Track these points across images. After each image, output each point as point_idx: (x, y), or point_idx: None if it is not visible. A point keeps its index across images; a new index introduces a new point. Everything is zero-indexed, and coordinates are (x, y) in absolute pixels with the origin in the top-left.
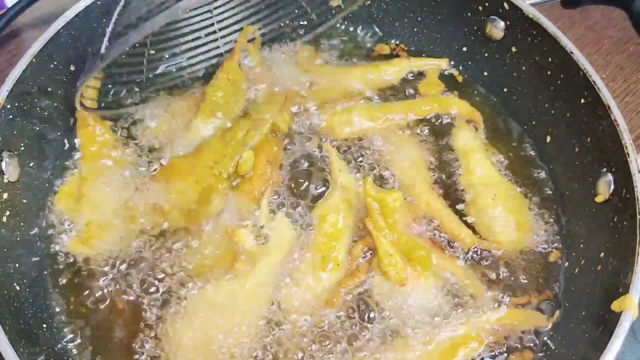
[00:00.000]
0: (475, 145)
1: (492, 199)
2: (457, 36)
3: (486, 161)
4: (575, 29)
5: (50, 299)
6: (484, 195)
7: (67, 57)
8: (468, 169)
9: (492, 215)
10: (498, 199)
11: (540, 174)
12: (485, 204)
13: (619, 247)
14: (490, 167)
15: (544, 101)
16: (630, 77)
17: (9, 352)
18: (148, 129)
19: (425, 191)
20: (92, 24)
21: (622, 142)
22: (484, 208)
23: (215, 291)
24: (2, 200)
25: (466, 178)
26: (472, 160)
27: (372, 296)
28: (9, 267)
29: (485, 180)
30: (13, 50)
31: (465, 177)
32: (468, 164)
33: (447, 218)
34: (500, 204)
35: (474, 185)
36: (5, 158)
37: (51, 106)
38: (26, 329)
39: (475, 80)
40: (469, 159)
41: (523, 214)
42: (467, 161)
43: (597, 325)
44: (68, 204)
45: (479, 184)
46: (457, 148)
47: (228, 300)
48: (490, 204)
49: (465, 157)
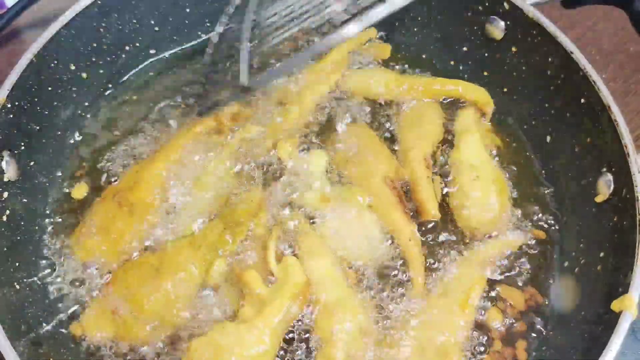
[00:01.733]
0: (473, 127)
1: (473, 180)
2: (457, 36)
3: (479, 144)
4: (575, 29)
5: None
6: (466, 174)
7: (67, 57)
8: (459, 147)
9: (468, 194)
10: (478, 180)
11: (540, 174)
12: (465, 182)
13: (619, 247)
14: (481, 149)
15: (544, 101)
16: (630, 77)
17: (9, 352)
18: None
19: (415, 158)
20: (92, 24)
21: (622, 142)
22: (462, 186)
23: (221, 335)
24: (2, 200)
25: (456, 156)
26: (466, 140)
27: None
28: (9, 267)
29: (473, 161)
30: (13, 50)
31: (455, 155)
32: (460, 142)
33: (423, 187)
34: (479, 186)
35: (461, 163)
36: (5, 157)
37: (51, 106)
38: (26, 328)
39: (475, 80)
40: (464, 138)
41: (500, 200)
42: (460, 140)
43: (597, 324)
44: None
45: (465, 163)
46: (457, 126)
47: (234, 344)
48: (470, 184)
49: (460, 136)
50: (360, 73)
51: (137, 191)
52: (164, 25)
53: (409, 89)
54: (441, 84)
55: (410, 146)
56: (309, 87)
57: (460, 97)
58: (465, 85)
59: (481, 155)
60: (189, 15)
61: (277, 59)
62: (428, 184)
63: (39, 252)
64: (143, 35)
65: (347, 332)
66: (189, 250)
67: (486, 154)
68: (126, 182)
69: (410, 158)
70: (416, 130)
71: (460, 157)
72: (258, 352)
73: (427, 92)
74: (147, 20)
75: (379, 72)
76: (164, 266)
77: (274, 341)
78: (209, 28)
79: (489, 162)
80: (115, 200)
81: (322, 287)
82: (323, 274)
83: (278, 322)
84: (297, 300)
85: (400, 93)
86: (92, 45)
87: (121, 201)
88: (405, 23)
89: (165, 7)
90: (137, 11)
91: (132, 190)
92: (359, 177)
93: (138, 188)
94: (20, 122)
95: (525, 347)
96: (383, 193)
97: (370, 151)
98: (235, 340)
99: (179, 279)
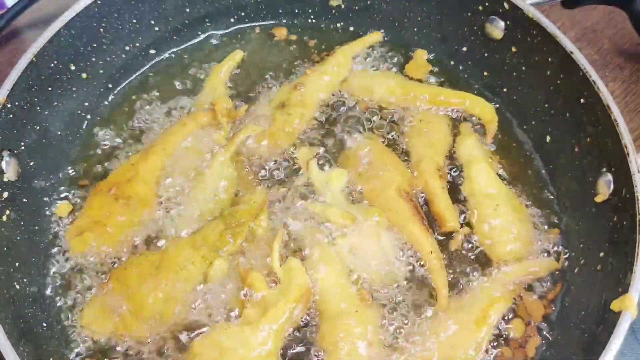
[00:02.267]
0: (479, 155)
1: (493, 209)
2: (457, 36)
3: (489, 171)
4: (575, 29)
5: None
6: (485, 206)
7: (67, 57)
8: (470, 178)
9: (492, 225)
10: (500, 209)
11: (540, 174)
12: (487, 214)
13: (618, 247)
14: (493, 177)
15: (544, 101)
16: (630, 77)
17: (9, 352)
18: None
19: (428, 170)
20: (92, 24)
21: (622, 142)
22: (485, 218)
23: (224, 336)
24: (2, 200)
25: (469, 187)
26: (475, 169)
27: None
28: (9, 267)
29: (489, 190)
30: (13, 50)
31: (468, 186)
32: (470, 173)
33: (439, 198)
34: (501, 215)
35: (476, 195)
36: (5, 157)
37: (51, 106)
38: (26, 328)
39: (475, 80)
40: (472, 168)
41: (524, 226)
42: (470, 170)
43: (597, 324)
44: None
45: (482, 194)
46: (461, 156)
47: (238, 346)
48: (491, 214)
49: (468, 166)
50: (365, 76)
51: (134, 185)
52: (164, 25)
53: (414, 97)
54: (447, 96)
55: (422, 157)
56: (311, 89)
57: (466, 111)
58: (473, 99)
59: (494, 183)
60: (189, 15)
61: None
62: (444, 195)
63: (38, 252)
64: (143, 35)
65: (351, 345)
66: (189, 249)
67: (499, 180)
68: (121, 175)
69: (422, 169)
70: (425, 140)
71: (474, 188)
72: (261, 353)
73: (432, 102)
74: (147, 20)
75: (384, 76)
76: (164, 265)
77: (277, 343)
78: (209, 28)
79: (504, 188)
80: (112, 195)
81: (328, 297)
82: (331, 284)
83: (281, 324)
84: (300, 302)
85: (404, 100)
86: (92, 45)
87: (118, 195)
88: (406, 23)
89: (165, 7)
90: (137, 11)
91: (129, 184)
92: (373, 191)
93: (135, 182)
94: (20, 122)
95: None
96: (399, 206)
97: (382, 163)
98: (240, 342)
99: (179, 278)
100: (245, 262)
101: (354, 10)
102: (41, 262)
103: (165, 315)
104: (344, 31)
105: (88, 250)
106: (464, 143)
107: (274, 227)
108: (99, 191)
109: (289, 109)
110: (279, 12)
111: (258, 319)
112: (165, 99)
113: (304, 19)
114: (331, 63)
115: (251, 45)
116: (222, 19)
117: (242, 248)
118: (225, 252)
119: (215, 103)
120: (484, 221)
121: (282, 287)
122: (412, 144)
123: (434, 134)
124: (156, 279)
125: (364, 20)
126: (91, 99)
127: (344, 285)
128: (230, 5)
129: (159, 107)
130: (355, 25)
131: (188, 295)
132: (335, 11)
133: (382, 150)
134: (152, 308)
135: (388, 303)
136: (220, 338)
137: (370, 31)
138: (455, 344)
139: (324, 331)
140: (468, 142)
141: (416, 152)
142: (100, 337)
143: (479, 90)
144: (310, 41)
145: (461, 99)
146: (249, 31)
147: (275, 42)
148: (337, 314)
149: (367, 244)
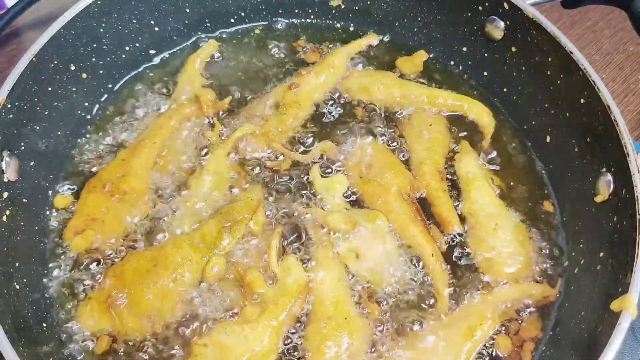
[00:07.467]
0: (477, 173)
1: (492, 229)
2: (457, 36)
3: (488, 189)
4: (575, 29)
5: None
6: (485, 225)
7: (67, 57)
8: (470, 197)
9: (490, 245)
10: (499, 229)
11: (540, 174)
12: (486, 233)
13: (618, 247)
14: (492, 195)
15: (544, 101)
16: (630, 77)
17: (9, 352)
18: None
19: (429, 172)
20: (92, 24)
21: (622, 142)
22: (484, 237)
23: (224, 334)
24: (2, 200)
25: (467, 206)
26: (476, 188)
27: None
28: (9, 267)
29: (488, 210)
30: (13, 50)
31: (467, 205)
32: (470, 192)
33: (441, 201)
34: (500, 235)
35: (476, 214)
36: (5, 157)
37: (51, 106)
38: (26, 328)
39: (475, 80)
40: (473, 186)
41: (523, 248)
42: (469, 189)
43: (597, 325)
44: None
45: (481, 213)
46: (460, 174)
47: (238, 344)
48: (491, 233)
49: (467, 185)
50: (363, 76)
51: (128, 180)
52: (164, 25)
53: (413, 99)
54: (445, 98)
55: (422, 159)
56: (306, 89)
57: (464, 114)
58: (471, 103)
59: (494, 202)
60: (189, 15)
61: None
62: (446, 197)
63: (38, 252)
64: (143, 35)
65: (333, 352)
66: (187, 247)
67: (498, 199)
68: (113, 171)
69: (424, 171)
70: (425, 142)
71: (472, 207)
72: (262, 351)
73: (430, 104)
74: (147, 20)
75: (383, 77)
76: (161, 262)
77: (276, 340)
78: (209, 28)
79: (503, 207)
80: (107, 191)
81: (322, 298)
82: (326, 287)
83: (280, 322)
84: (298, 300)
85: (403, 101)
86: (92, 45)
87: (113, 191)
88: (406, 23)
89: (165, 7)
90: (137, 11)
91: (123, 179)
92: (374, 193)
93: (129, 177)
94: (20, 122)
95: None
96: (401, 208)
97: (382, 165)
98: (240, 340)
99: (176, 275)
100: (243, 260)
101: (354, 10)
102: (41, 262)
103: (163, 313)
104: (344, 31)
105: (88, 248)
106: (463, 161)
107: (271, 225)
108: (92, 189)
109: (284, 108)
110: (278, 12)
111: (257, 317)
112: (165, 99)
113: (304, 19)
114: (326, 64)
115: (251, 45)
116: (222, 19)
117: (240, 246)
118: (222, 249)
119: (200, 95)
120: (483, 240)
121: (280, 285)
122: (412, 145)
123: (433, 135)
124: (153, 276)
125: (364, 20)
126: (91, 99)
127: (339, 290)
128: (230, 5)
129: (159, 107)
130: (355, 25)
131: (186, 293)
132: (335, 11)
133: (382, 152)
134: (149, 305)
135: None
136: (220, 336)
137: (370, 31)
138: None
139: (309, 332)
140: (467, 160)
141: (416, 153)
142: (98, 334)
143: (478, 91)
144: (309, 41)
145: (459, 102)
146: (249, 31)
147: (275, 42)
148: (326, 317)
149: (370, 248)
